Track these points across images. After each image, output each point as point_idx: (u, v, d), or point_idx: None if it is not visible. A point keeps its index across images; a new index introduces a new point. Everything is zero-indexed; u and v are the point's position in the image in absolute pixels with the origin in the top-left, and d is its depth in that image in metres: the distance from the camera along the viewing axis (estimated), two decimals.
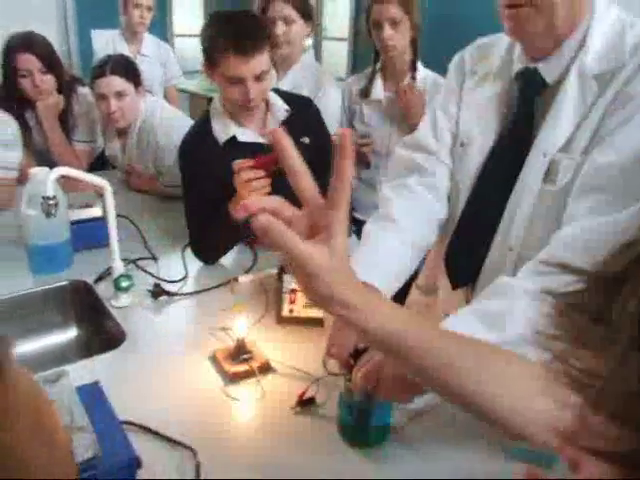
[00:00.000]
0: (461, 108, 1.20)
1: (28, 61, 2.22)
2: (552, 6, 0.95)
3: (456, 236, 1.18)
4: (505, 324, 0.87)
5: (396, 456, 0.97)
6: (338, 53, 6.11)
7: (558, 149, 1.01)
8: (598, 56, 0.98)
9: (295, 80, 2.13)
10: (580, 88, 0.99)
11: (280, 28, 2.03)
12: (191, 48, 5.88)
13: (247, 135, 1.56)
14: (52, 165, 2.37)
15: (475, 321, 0.91)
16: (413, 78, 2.11)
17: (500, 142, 1.12)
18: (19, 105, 2.32)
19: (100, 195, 1.71)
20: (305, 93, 2.02)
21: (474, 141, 1.15)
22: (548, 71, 1.04)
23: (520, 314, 0.87)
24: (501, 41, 1.16)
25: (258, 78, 1.46)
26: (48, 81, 2.29)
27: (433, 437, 1.00)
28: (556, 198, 1.01)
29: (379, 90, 2.16)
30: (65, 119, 2.41)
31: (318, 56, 6.46)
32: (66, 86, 2.38)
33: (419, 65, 2.13)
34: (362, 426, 0.97)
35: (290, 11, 2.05)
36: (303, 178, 0.59)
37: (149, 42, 3.11)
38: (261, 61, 1.45)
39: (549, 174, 1.02)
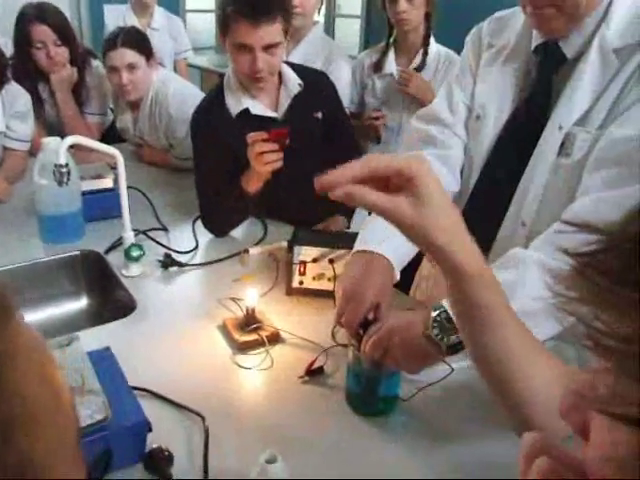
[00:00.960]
0: (477, 81, 1.19)
1: (43, 32, 2.22)
2: (576, 7, 0.95)
3: (468, 209, 1.17)
4: (515, 295, 0.87)
5: (403, 426, 0.97)
6: (351, 30, 6.05)
7: (574, 122, 1.00)
8: (619, 30, 0.97)
9: (307, 52, 2.11)
10: (600, 62, 0.98)
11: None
12: (202, 24, 5.84)
13: (259, 108, 1.55)
14: (64, 137, 2.39)
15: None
16: (425, 53, 2.09)
17: (516, 115, 1.11)
18: (32, 76, 2.32)
19: (111, 167, 1.72)
20: (316, 66, 2.00)
21: (489, 114, 1.14)
22: (568, 46, 1.02)
23: (531, 285, 0.87)
24: (519, 14, 1.14)
25: (267, 49, 1.44)
26: (62, 53, 2.28)
27: (441, 409, 1.00)
28: (571, 172, 1.00)
29: (392, 64, 2.14)
30: (78, 91, 2.40)
31: (330, 33, 6.40)
32: (79, 59, 2.37)
33: (432, 40, 2.10)
34: (370, 395, 0.98)
35: None
36: None
37: (159, 15, 3.09)
38: (271, 32, 1.43)
39: (564, 147, 1.01)
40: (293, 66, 1.64)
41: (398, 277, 1.05)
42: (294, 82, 1.57)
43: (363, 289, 0.96)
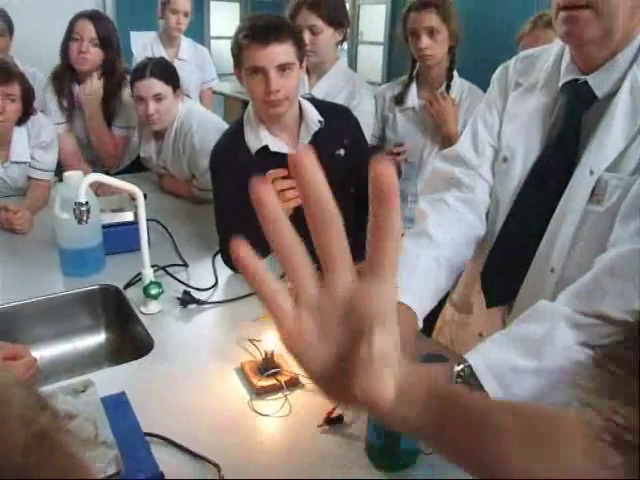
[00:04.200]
0: (504, 121, 1.16)
1: (84, 27, 2.30)
2: (613, 10, 0.90)
3: (494, 254, 1.14)
4: (544, 352, 0.83)
5: None
6: (374, 57, 6.09)
7: (606, 167, 0.96)
8: None
9: (329, 87, 2.09)
10: (632, 103, 0.95)
11: (307, 37, 1.97)
12: (225, 50, 5.92)
13: (279, 145, 1.54)
14: (89, 147, 2.42)
15: (512, 346, 0.87)
16: (448, 87, 2.07)
17: (544, 158, 1.07)
18: (70, 80, 2.41)
19: (132, 198, 1.72)
20: (339, 100, 1.99)
21: (517, 156, 1.11)
22: (598, 84, 0.99)
23: (560, 343, 0.83)
24: (548, 53, 1.12)
25: (280, 71, 1.44)
26: (94, 54, 2.33)
27: None
28: (602, 219, 0.97)
29: (413, 98, 2.12)
30: (109, 104, 2.46)
31: (353, 60, 6.45)
32: (118, 75, 2.43)
33: (455, 74, 2.08)
34: (391, 447, 0.94)
35: (316, 21, 1.99)
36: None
37: (186, 46, 3.12)
38: (281, 52, 1.43)
39: (595, 194, 0.97)
40: (315, 102, 1.63)
41: (421, 326, 1.02)
42: (314, 119, 1.56)
43: None
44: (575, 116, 1.04)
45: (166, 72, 2.11)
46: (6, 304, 1.45)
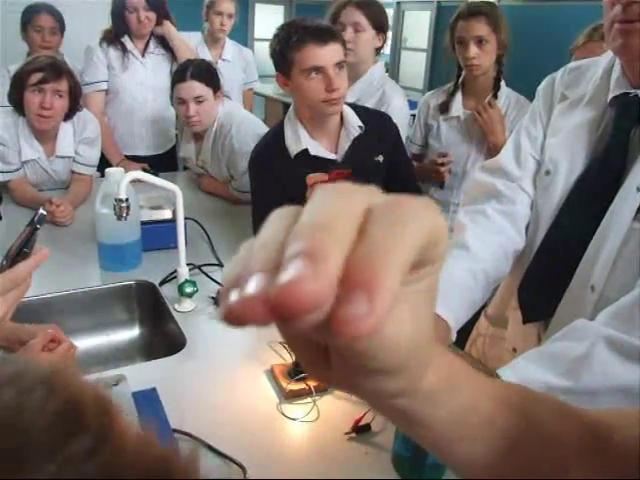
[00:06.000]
0: (548, 134, 1.14)
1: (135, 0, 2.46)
2: None
3: (533, 269, 1.12)
4: (581, 373, 0.81)
5: None
6: (417, 63, 6.06)
7: None
8: None
9: (361, 92, 2.06)
10: None
11: (349, 34, 1.96)
12: (267, 52, 5.96)
13: (319, 149, 1.54)
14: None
15: (547, 364, 0.85)
16: (495, 97, 2.03)
17: (589, 172, 1.05)
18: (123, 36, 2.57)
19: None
20: (369, 106, 1.97)
21: (560, 170, 1.08)
22: None
23: (598, 365, 0.80)
24: (596, 65, 1.09)
25: (337, 68, 1.44)
26: (150, 17, 2.51)
27: None
28: None
29: (459, 106, 2.09)
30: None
31: (396, 66, 6.43)
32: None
33: (502, 84, 2.05)
34: (418, 460, 0.93)
35: (360, 17, 1.98)
36: None
37: (230, 47, 3.15)
38: (338, 50, 1.44)
39: None
40: (355, 107, 1.62)
41: (454, 338, 1.00)
42: (355, 124, 1.55)
43: None
44: (623, 131, 1.01)
45: (207, 74, 2.13)
46: (44, 295, 1.48)
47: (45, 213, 0.88)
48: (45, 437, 0.27)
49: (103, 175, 1.71)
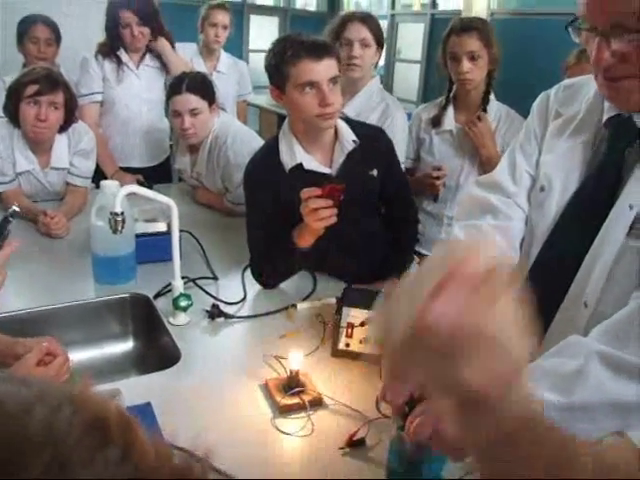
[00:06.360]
0: (543, 151, 1.15)
1: (128, 17, 2.45)
2: None
3: (526, 285, 1.12)
4: (574, 389, 0.81)
5: None
6: (410, 75, 6.09)
7: None
8: None
9: (361, 106, 2.09)
10: None
11: (357, 50, 1.99)
12: (262, 63, 5.99)
13: (313, 164, 1.54)
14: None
15: (541, 380, 0.85)
16: (484, 110, 2.05)
17: (583, 190, 1.06)
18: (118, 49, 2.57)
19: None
20: (372, 121, 1.99)
21: (555, 186, 1.09)
22: None
23: (592, 380, 0.81)
24: (591, 82, 1.10)
25: (331, 84, 1.45)
26: (143, 31, 2.50)
27: None
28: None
29: (451, 120, 2.11)
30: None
31: (390, 77, 6.46)
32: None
33: (491, 97, 2.07)
34: (411, 477, 0.93)
35: (367, 34, 2.01)
36: None
37: (225, 59, 3.17)
38: (333, 66, 1.45)
39: (635, 228, 0.95)
40: (350, 122, 1.63)
41: None
42: (349, 138, 1.56)
43: None
44: (618, 151, 1.01)
45: (202, 87, 2.14)
46: (38, 308, 1.48)
47: (18, 210, 0.89)
48: (79, 448, 0.31)
49: (98, 186, 1.71)
